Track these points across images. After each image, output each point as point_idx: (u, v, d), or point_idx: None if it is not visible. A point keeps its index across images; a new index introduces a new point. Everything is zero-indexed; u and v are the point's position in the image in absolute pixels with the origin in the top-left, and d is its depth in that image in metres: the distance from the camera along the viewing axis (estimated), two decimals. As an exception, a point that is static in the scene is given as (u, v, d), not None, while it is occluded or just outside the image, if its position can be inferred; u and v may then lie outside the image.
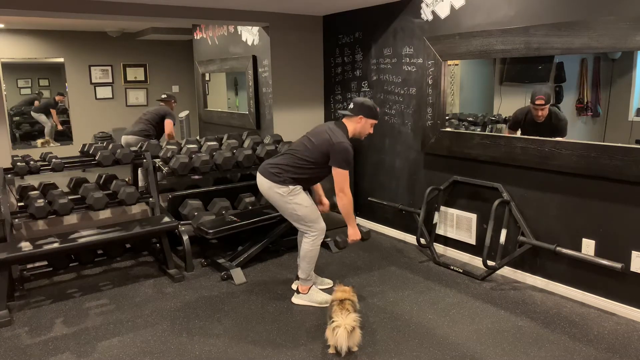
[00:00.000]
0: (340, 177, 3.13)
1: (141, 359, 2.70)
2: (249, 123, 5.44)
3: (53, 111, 8.02)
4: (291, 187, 3.13)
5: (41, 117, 7.99)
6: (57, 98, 8.02)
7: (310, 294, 3.32)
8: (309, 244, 3.23)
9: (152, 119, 5.56)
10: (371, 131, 3.27)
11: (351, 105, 3.20)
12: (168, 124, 5.62)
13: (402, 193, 4.53)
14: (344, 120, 3.23)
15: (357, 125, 3.20)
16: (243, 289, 3.58)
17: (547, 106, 3.67)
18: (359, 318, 2.63)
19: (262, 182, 3.20)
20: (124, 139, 5.41)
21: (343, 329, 2.54)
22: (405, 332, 2.92)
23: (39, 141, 7.95)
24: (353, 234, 3.24)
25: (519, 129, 3.88)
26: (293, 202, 3.15)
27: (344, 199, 3.15)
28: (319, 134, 3.17)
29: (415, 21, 4.13)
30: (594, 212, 3.15)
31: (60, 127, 8.09)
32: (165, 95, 5.99)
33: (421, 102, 4.15)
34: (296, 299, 3.34)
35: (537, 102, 3.66)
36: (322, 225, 3.26)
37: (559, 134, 3.62)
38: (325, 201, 3.58)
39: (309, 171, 3.16)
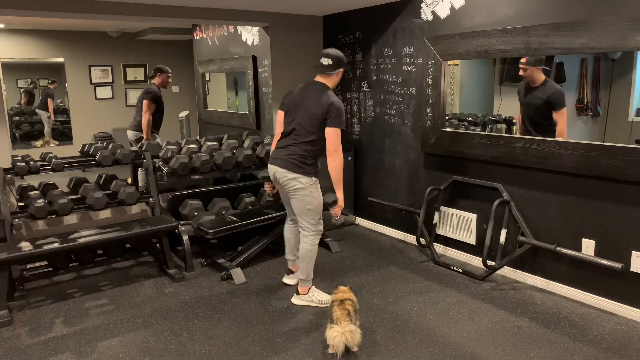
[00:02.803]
0: (336, 136, 3.03)
1: (141, 359, 2.70)
2: (249, 123, 5.44)
3: (50, 100, 8.00)
4: (313, 178, 3.16)
5: (43, 115, 7.98)
6: (52, 86, 8.02)
7: (311, 294, 3.32)
8: (309, 244, 3.23)
9: (138, 107, 5.42)
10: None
11: (329, 61, 3.09)
12: (144, 105, 5.21)
13: (402, 193, 4.53)
14: (321, 78, 3.14)
15: (337, 79, 3.15)
16: (243, 289, 3.58)
17: (531, 67, 3.61)
18: (357, 324, 2.65)
19: (285, 174, 3.13)
20: (127, 133, 5.51)
21: (340, 337, 2.55)
22: (405, 332, 2.92)
23: (38, 142, 7.95)
24: (341, 200, 3.20)
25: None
26: (312, 194, 3.15)
27: (338, 160, 3.06)
28: (309, 102, 3.09)
29: (415, 21, 4.13)
30: (594, 212, 3.15)
31: (52, 118, 8.06)
32: (152, 72, 5.51)
33: (421, 102, 4.15)
34: (296, 300, 3.34)
35: (521, 60, 3.65)
36: (322, 226, 3.28)
37: (555, 101, 3.57)
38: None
39: (317, 147, 3.14)
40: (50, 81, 8.03)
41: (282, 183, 3.19)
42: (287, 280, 3.65)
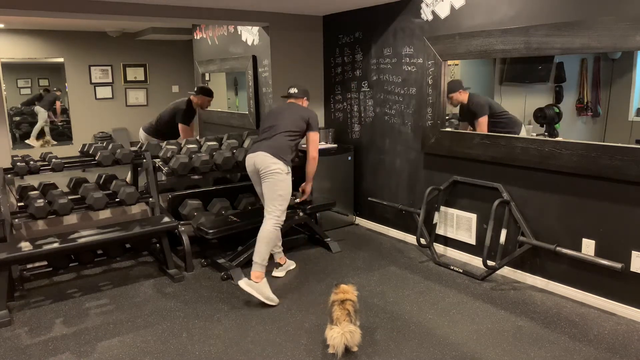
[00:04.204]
0: (317, 139, 3.65)
1: (141, 359, 2.70)
2: (249, 123, 5.44)
3: (58, 103, 8.03)
4: (289, 168, 3.47)
5: (42, 113, 7.96)
6: (58, 93, 8.05)
7: (262, 285, 3.29)
8: (271, 226, 3.39)
9: (163, 115, 5.26)
10: None
11: (295, 90, 3.74)
12: (181, 130, 5.14)
13: (402, 193, 4.53)
14: (293, 100, 3.72)
15: (304, 105, 3.74)
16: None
17: (454, 94, 4.01)
18: (357, 324, 2.65)
19: (267, 158, 3.40)
20: (140, 133, 5.41)
21: (340, 337, 2.55)
22: (405, 332, 2.92)
23: (39, 142, 7.95)
24: (309, 190, 3.86)
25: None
26: (285, 181, 3.42)
27: (317, 161, 3.71)
28: (293, 110, 3.62)
29: (415, 21, 4.13)
30: (594, 212, 3.15)
31: (60, 118, 8.06)
32: (197, 90, 5.27)
33: (421, 102, 4.15)
34: (245, 285, 3.25)
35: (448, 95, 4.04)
36: (284, 217, 3.48)
37: (475, 110, 3.98)
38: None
39: (294, 143, 3.57)
40: (55, 88, 8.06)
41: (260, 168, 3.42)
42: (276, 273, 3.79)
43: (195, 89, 5.33)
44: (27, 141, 7.97)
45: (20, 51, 7.54)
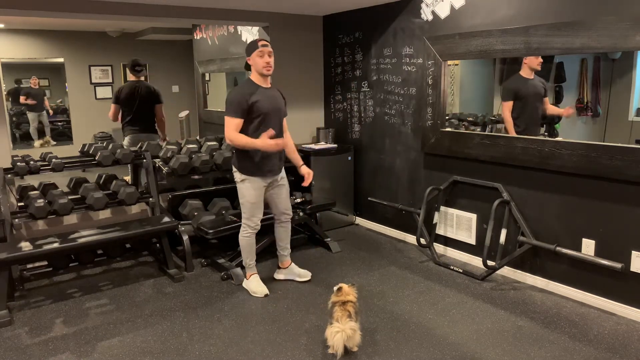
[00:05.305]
0: (225, 124, 3.20)
1: (141, 359, 2.70)
2: (249, 123, 5.43)
3: (22, 98, 7.79)
4: (245, 176, 3.33)
5: (30, 115, 7.92)
6: (32, 82, 7.90)
7: (248, 281, 3.54)
8: (241, 234, 3.48)
9: (147, 109, 5.08)
10: (267, 60, 3.26)
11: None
12: (160, 109, 5.09)
13: (402, 193, 4.53)
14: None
15: (253, 67, 3.32)
16: (243, 288, 3.58)
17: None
18: (357, 324, 2.64)
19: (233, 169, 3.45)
20: (132, 138, 5.09)
21: (341, 335, 2.55)
22: (405, 332, 2.92)
23: (39, 142, 7.95)
24: (263, 144, 3.17)
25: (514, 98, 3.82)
26: (241, 190, 3.39)
27: (232, 143, 3.21)
28: None
29: (415, 21, 4.13)
30: (594, 212, 3.15)
31: (49, 106, 7.94)
32: (141, 68, 5.04)
33: (421, 102, 4.15)
34: (243, 283, 3.61)
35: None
36: (253, 223, 3.44)
37: (547, 93, 3.75)
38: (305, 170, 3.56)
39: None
40: (32, 77, 7.88)
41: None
42: (276, 275, 3.78)
43: (141, 68, 5.09)
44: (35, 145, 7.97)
45: (20, 51, 7.53)
